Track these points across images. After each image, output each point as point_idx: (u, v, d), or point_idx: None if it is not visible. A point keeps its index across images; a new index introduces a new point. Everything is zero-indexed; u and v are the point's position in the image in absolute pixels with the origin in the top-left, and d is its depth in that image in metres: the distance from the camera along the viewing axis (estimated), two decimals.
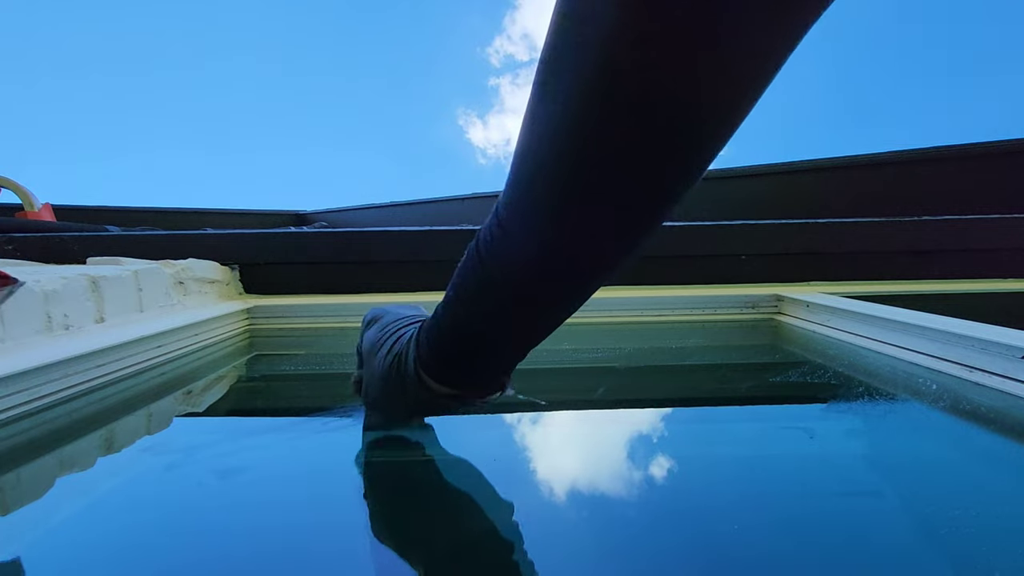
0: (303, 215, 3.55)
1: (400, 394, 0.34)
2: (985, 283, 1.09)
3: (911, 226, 1.11)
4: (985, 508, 0.29)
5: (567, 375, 0.58)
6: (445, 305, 0.31)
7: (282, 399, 0.55)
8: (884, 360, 0.59)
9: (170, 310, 0.80)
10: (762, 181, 1.97)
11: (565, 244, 0.25)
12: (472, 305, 0.29)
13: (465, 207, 3.04)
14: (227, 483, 0.34)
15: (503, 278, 0.27)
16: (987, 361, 0.49)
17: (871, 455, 0.38)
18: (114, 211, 2.64)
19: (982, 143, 1.69)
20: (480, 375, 0.33)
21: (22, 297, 0.55)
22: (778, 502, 0.31)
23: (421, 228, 1.07)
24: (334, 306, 0.91)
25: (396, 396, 0.35)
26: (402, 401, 0.35)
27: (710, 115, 0.21)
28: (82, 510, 0.31)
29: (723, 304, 0.91)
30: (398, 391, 0.34)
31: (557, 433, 0.43)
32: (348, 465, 0.37)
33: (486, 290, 0.28)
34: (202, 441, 0.40)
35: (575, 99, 0.21)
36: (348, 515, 0.30)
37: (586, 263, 0.26)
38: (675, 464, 0.36)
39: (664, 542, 0.27)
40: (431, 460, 0.38)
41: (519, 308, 0.28)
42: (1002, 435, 0.39)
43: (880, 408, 0.45)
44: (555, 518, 0.29)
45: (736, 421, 0.46)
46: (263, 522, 0.30)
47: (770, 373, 0.58)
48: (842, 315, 0.72)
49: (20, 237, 0.99)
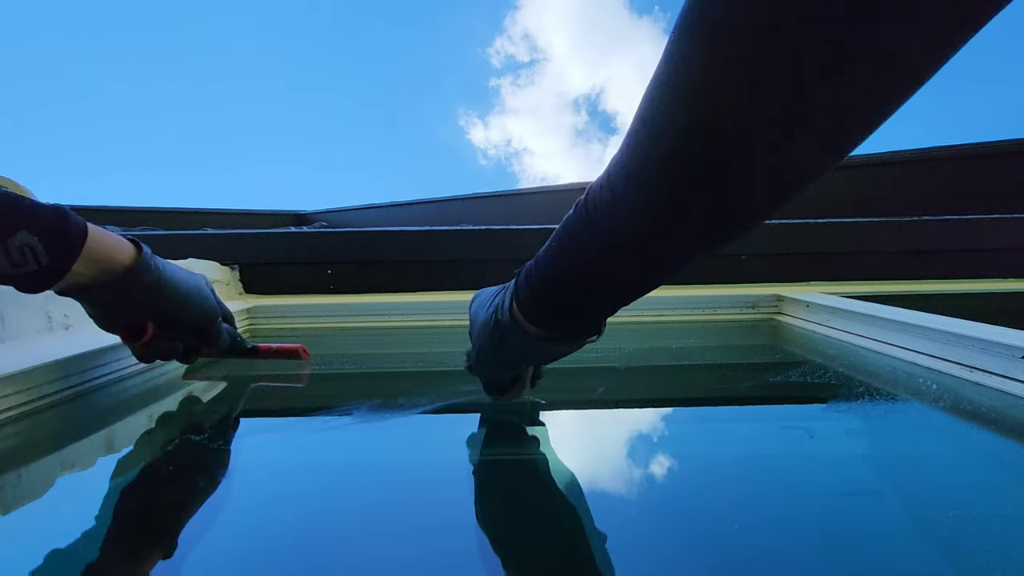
0: (303, 215, 3.56)
1: (498, 344, 0.35)
2: (985, 283, 1.09)
3: (911, 226, 1.11)
4: (985, 508, 0.29)
5: (567, 375, 0.58)
6: (548, 255, 0.31)
7: (282, 399, 0.55)
8: (884, 360, 0.59)
9: None
10: None
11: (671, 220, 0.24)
12: (577, 255, 0.29)
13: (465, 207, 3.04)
14: (227, 482, 0.34)
15: (609, 236, 0.27)
16: (987, 361, 0.49)
17: (871, 455, 0.38)
18: (114, 211, 2.64)
19: (982, 143, 1.69)
20: (578, 320, 0.33)
21: (22, 297, 0.55)
22: (778, 502, 0.31)
23: (421, 228, 1.07)
24: (334, 306, 0.91)
25: (499, 347, 0.35)
26: (503, 353, 0.36)
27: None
28: (82, 510, 0.31)
29: (723, 304, 0.91)
30: (496, 342, 0.35)
31: (557, 433, 0.43)
32: (348, 464, 0.37)
33: (591, 242, 0.28)
34: (202, 441, 0.40)
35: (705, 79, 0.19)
36: (348, 514, 0.30)
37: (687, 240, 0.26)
38: (675, 464, 0.36)
39: (664, 542, 0.27)
40: (431, 460, 0.38)
41: (622, 261, 0.28)
42: (1002, 435, 0.39)
43: (880, 408, 0.45)
44: (554, 518, 0.29)
45: (736, 421, 0.46)
46: (263, 522, 0.30)
47: (770, 373, 0.58)
48: (842, 315, 0.72)
49: None
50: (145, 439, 0.41)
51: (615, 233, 0.26)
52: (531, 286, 0.32)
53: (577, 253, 0.29)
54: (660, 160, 0.22)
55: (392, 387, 0.58)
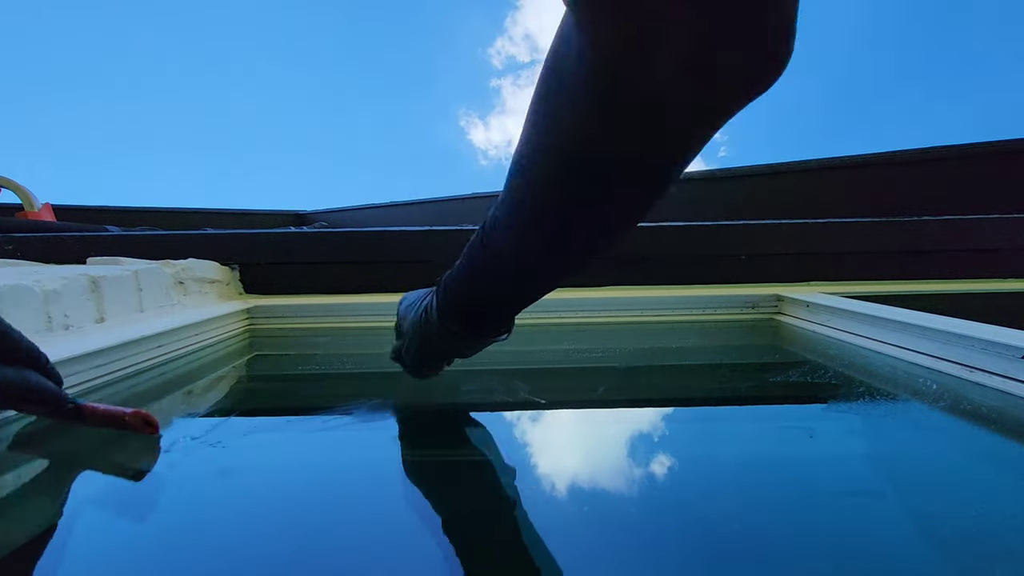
0: (303, 215, 3.55)
1: (427, 339, 0.40)
2: (985, 283, 1.09)
3: (911, 226, 1.11)
4: (985, 508, 0.29)
5: (567, 375, 0.58)
6: (459, 272, 0.36)
7: (282, 399, 0.55)
8: (884, 360, 0.59)
9: (170, 310, 0.80)
10: (762, 181, 1.97)
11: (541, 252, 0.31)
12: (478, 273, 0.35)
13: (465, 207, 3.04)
14: (228, 482, 0.34)
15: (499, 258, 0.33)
16: (987, 361, 0.49)
17: (871, 455, 0.38)
18: (114, 211, 2.64)
19: (982, 143, 1.69)
20: (489, 322, 0.38)
21: (22, 297, 0.55)
22: (778, 502, 0.31)
23: (421, 228, 1.07)
24: (334, 306, 0.91)
25: (425, 343, 0.41)
26: (431, 347, 0.41)
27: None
28: (82, 510, 0.31)
29: (723, 304, 0.91)
30: (425, 338, 0.40)
31: (557, 433, 0.43)
32: (348, 464, 0.37)
33: (488, 263, 0.34)
34: (202, 441, 0.39)
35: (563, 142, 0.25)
36: (348, 514, 0.30)
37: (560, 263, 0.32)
38: (675, 464, 0.36)
39: (664, 542, 0.27)
40: (431, 459, 0.38)
41: (518, 277, 0.34)
42: (1002, 435, 0.39)
43: (880, 408, 0.45)
44: (554, 517, 0.29)
45: (736, 421, 0.46)
46: (263, 521, 0.30)
47: (770, 373, 0.58)
48: (842, 315, 0.72)
49: (20, 237, 0.99)
50: (144, 439, 0.41)
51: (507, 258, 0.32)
52: (447, 296, 0.38)
53: (481, 274, 0.35)
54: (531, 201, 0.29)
55: (392, 387, 0.58)
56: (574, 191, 0.26)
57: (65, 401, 0.38)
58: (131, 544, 0.27)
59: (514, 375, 0.56)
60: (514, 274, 0.33)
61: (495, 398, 0.50)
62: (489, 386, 0.53)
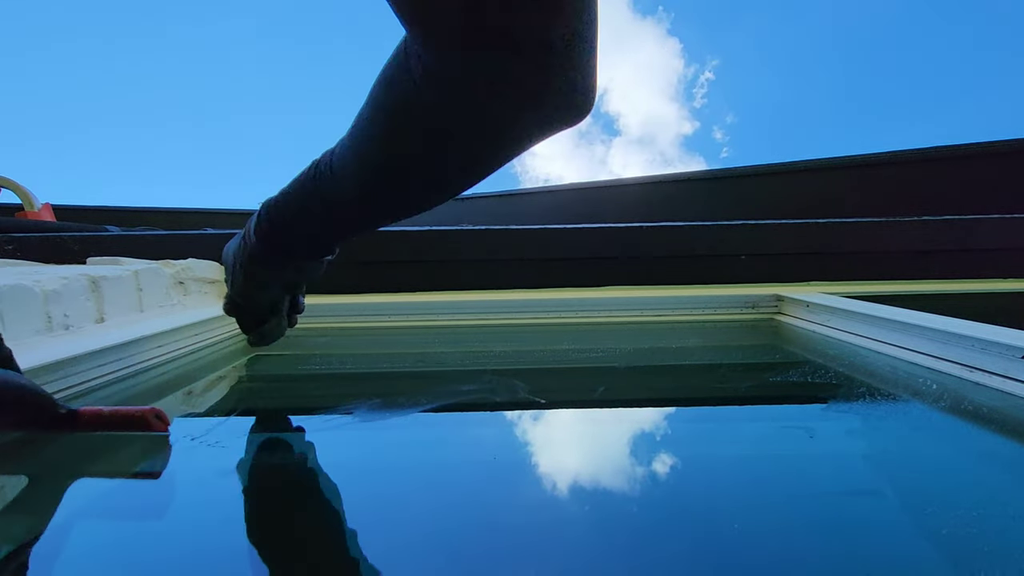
0: None
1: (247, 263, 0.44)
2: (985, 283, 1.09)
3: (911, 226, 1.11)
4: (985, 508, 0.29)
5: (567, 375, 0.58)
6: (283, 196, 0.41)
7: (282, 399, 0.55)
8: (884, 360, 0.59)
9: (170, 310, 0.80)
10: (762, 181, 1.97)
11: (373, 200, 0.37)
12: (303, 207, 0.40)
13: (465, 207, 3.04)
14: (227, 482, 0.34)
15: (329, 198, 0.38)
16: (987, 361, 0.49)
17: (871, 455, 0.38)
18: (114, 211, 2.64)
19: (982, 143, 1.69)
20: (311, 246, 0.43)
21: (22, 297, 0.55)
22: (778, 502, 0.31)
23: (421, 228, 1.07)
24: (334, 306, 0.91)
25: (246, 268, 0.44)
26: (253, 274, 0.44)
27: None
28: (83, 510, 0.31)
29: (723, 304, 0.91)
30: (245, 264, 0.44)
31: (557, 433, 0.43)
32: (349, 464, 0.37)
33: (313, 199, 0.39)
34: (202, 441, 0.39)
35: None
36: (348, 514, 0.30)
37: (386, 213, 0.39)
38: (675, 464, 0.36)
39: (664, 542, 0.27)
40: (431, 459, 0.38)
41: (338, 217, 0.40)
42: (1002, 435, 0.39)
43: (880, 408, 0.45)
44: (554, 517, 0.29)
45: (736, 421, 0.46)
46: (263, 521, 0.30)
47: (770, 373, 0.58)
48: (842, 315, 0.72)
49: (20, 237, 0.99)
50: (145, 437, 0.41)
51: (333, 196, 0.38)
52: (271, 219, 0.42)
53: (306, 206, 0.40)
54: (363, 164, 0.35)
55: (392, 387, 0.58)
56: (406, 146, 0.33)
57: (57, 406, 0.35)
58: (131, 544, 0.27)
59: (514, 375, 0.56)
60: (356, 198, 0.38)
61: (495, 398, 0.50)
62: (489, 386, 0.53)
